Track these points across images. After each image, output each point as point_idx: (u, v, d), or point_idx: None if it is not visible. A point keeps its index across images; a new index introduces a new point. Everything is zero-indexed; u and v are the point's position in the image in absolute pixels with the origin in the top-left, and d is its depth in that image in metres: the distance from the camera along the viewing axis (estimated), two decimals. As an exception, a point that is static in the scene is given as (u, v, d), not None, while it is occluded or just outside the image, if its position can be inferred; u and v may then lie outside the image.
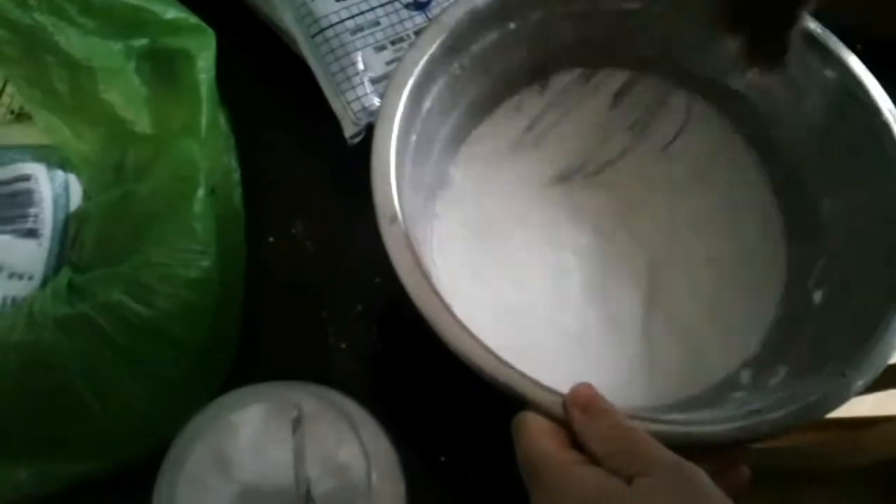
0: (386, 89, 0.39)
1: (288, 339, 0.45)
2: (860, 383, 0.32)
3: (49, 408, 0.36)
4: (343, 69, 0.46)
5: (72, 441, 0.37)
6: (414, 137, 0.41)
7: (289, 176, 0.49)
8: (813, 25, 0.40)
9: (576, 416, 0.29)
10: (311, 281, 0.47)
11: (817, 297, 0.38)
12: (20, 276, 0.38)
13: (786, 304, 0.41)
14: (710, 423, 0.31)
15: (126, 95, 0.41)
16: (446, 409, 0.42)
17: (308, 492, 0.30)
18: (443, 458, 0.42)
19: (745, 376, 0.38)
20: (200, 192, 0.38)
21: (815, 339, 0.37)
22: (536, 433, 0.29)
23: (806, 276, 0.40)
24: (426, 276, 0.34)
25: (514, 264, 0.43)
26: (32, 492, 0.37)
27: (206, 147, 0.40)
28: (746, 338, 0.40)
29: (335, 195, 0.49)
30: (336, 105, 0.46)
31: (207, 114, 0.41)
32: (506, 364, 0.32)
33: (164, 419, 0.38)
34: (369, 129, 0.46)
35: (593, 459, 0.28)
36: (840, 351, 0.34)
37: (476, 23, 0.41)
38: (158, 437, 0.34)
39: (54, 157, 0.40)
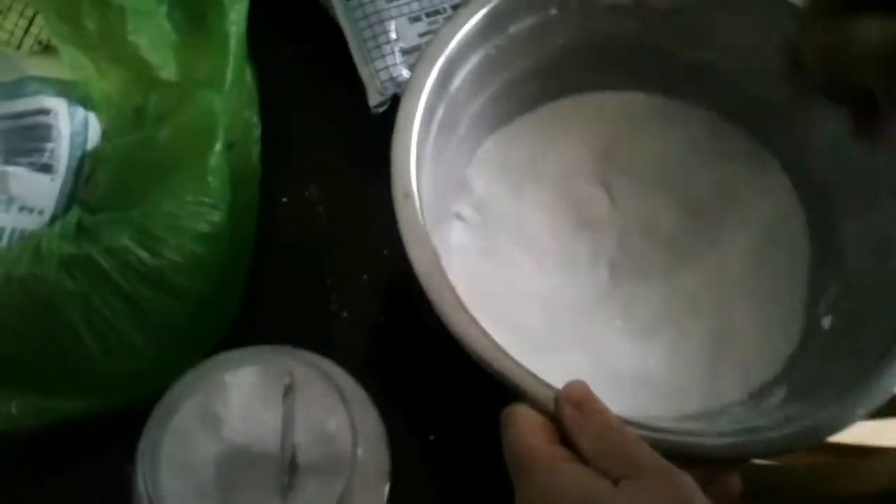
0: (418, 61, 0.38)
1: (291, 301, 0.45)
2: (860, 411, 0.32)
3: (48, 344, 0.36)
4: (375, 36, 0.45)
5: (67, 379, 0.37)
6: (440, 112, 0.40)
7: (309, 138, 0.49)
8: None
9: (567, 412, 0.29)
10: (320, 246, 0.46)
11: (826, 322, 0.38)
12: (30, 210, 0.38)
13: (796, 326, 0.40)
14: (703, 435, 0.31)
15: (154, 39, 0.40)
16: (440, 388, 0.42)
17: (294, 458, 0.30)
18: (431, 437, 0.42)
19: (745, 395, 0.38)
20: (217, 146, 0.38)
21: (819, 363, 0.36)
22: (525, 426, 0.29)
23: (818, 300, 0.39)
24: (434, 254, 0.34)
25: (532, 251, 0.42)
26: (24, 424, 0.37)
27: (228, 100, 0.40)
28: (757, 365, 0.39)
29: (353, 163, 0.48)
30: (363, 72, 0.45)
31: (233, 67, 0.40)
32: (502, 352, 0.32)
33: (160, 368, 0.38)
34: (394, 100, 0.46)
35: (581, 457, 0.28)
36: (843, 377, 0.33)
37: (517, 2, 0.41)
38: (153, 385, 0.34)
39: (76, 94, 0.40)
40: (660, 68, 0.45)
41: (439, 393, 0.42)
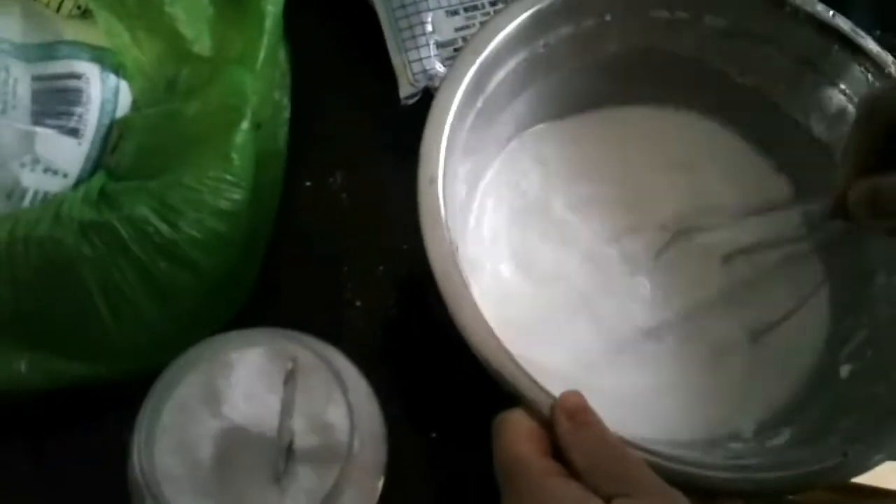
0: (462, 49, 0.38)
1: (305, 286, 0.45)
2: (861, 467, 0.31)
3: (62, 306, 0.37)
4: (411, 27, 0.45)
5: (79, 343, 0.37)
6: (479, 104, 0.40)
7: (337, 125, 0.49)
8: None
9: (562, 422, 0.28)
10: (339, 233, 0.46)
11: (844, 370, 0.37)
12: (55, 173, 0.38)
13: (810, 377, 0.39)
14: (695, 465, 0.30)
15: (191, 12, 0.40)
16: (447, 386, 0.42)
17: (291, 444, 0.30)
18: (434, 435, 0.42)
19: (748, 430, 0.37)
20: (245, 125, 0.38)
21: (829, 411, 0.36)
22: (517, 435, 0.28)
23: (840, 347, 0.38)
24: (450, 244, 0.34)
25: (553, 258, 0.42)
26: (31, 383, 0.37)
27: (259, 80, 0.40)
28: (766, 402, 0.38)
29: (380, 153, 0.48)
30: (396, 61, 0.45)
31: (267, 46, 0.40)
32: (504, 351, 0.32)
33: (171, 341, 0.38)
34: (425, 93, 0.45)
35: (573, 471, 0.27)
36: (850, 429, 0.33)
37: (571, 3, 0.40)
38: (162, 357, 0.33)
39: (110, 61, 0.40)
40: (710, 88, 0.44)
41: (445, 390, 0.42)
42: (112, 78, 0.40)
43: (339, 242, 0.46)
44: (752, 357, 0.40)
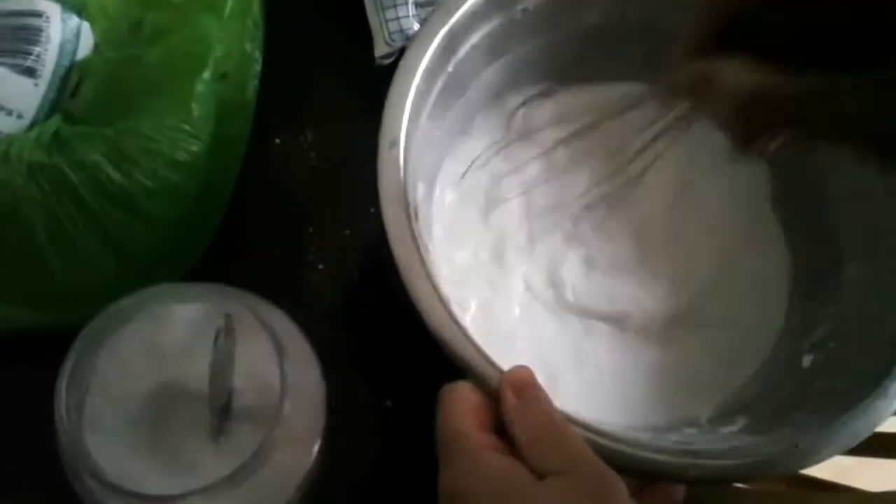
0: (434, 9, 0.37)
1: (267, 244, 0.44)
2: (809, 461, 0.30)
3: (7, 252, 0.36)
4: (390, -16, 0.44)
5: (23, 287, 0.37)
6: (450, 68, 0.38)
7: (312, 82, 0.47)
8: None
9: (507, 396, 0.28)
10: (306, 193, 0.45)
11: (806, 361, 0.36)
12: (9, 112, 0.37)
13: (772, 361, 0.38)
14: (639, 447, 0.29)
15: (160, -45, 0.39)
16: (404, 354, 0.41)
17: (229, 402, 0.29)
18: (388, 403, 0.41)
19: (704, 416, 0.36)
20: (206, 74, 0.37)
21: (786, 400, 0.35)
22: (459, 408, 0.28)
23: (803, 337, 0.37)
24: (409, 210, 0.33)
25: (509, 234, 0.41)
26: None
27: (226, 29, 0.39)
28: (723, 387, 0.38)
29: (353, 114, 0.47)
30: (373, 20, 0.44)
31: (237, -5, 0.39)
32: (456, 323, 0.31)
33: (121, 291, 0.37)
34: (402, 54, 0.44)
35: (513, 446, 0.27)
36: (804, 420, 0.32)
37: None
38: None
39: (72, 1, 0.38)
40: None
41: (403, 359, 0.41)
42: (74, 19, 0.39)
43: (305, 202, 0.45)
44: (711, 341, 0.39)
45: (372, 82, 0.44)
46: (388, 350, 0.42)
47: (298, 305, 0.42)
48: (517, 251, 0.41)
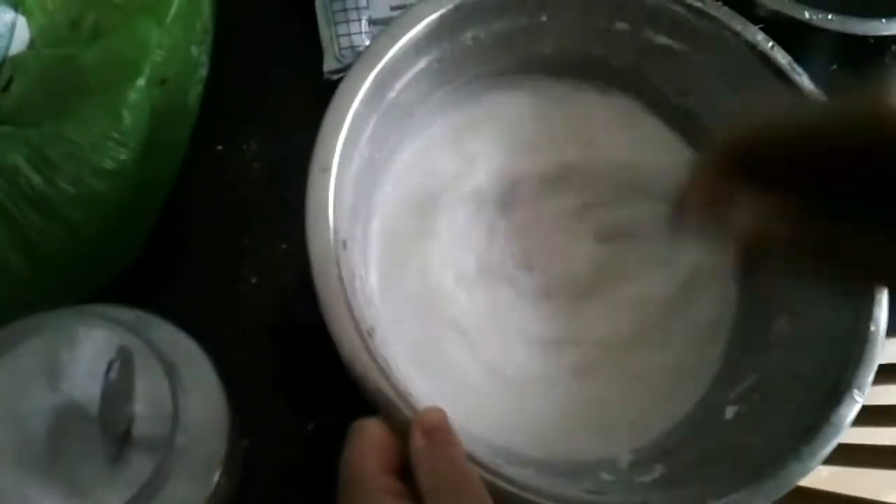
0: (380, 33, 0.36)
1: (200, 254, 0.43)
2: None
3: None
4: (343, -1, 0.43)
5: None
6: (391, 95, 0.38)
7: (259, 91, 0.46)
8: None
9: (417, 438, 0.27)
10: (245, 204, 0.44)
11: (730, 412, 0.36)
12: (-69, 106, 0.35)
13: (699, 408, 0.38)
14: (545, 496, 0.29)
15: (104, -48, 0.38)
16: (330, 377, 0.40)
17: (128, 428, 0.28)
18: (311, 426, 0.41)
19: (624, 462, 0.36)
20: (141, 81, 0.35)
21: (704, 453, 0.35)
22: (365, 447, 0.27)
23: (731, 387, 0.37)
24: (335, 239, 0.32)
25: (438, 263, 0.40)
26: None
27: (168, 34, 0.37)
28: (647, 430, 0.38)
29: (299, 126, 0.44)
30: (324, 34, 0.43)
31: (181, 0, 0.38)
32: (372, 359, 0.30)
33: (39, 299, 0.36)
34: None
35: (416, 490, 0.26)
36: (716, 478, 0.32)
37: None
38: (26, 314, 0.32)
39: (9, -6, 0.37)
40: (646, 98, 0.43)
41: (328, 383, 0.40)
42: (10, 13, 0.37)
43: (243, 213, 0.44)
44: (646, 380, 0.39)
45: (321, 96, 0.43)
46: (314, 372, 0.41)
47: (228, 319, 0.42)
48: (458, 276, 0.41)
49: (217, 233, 0.44)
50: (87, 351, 0.29)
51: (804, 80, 0.38)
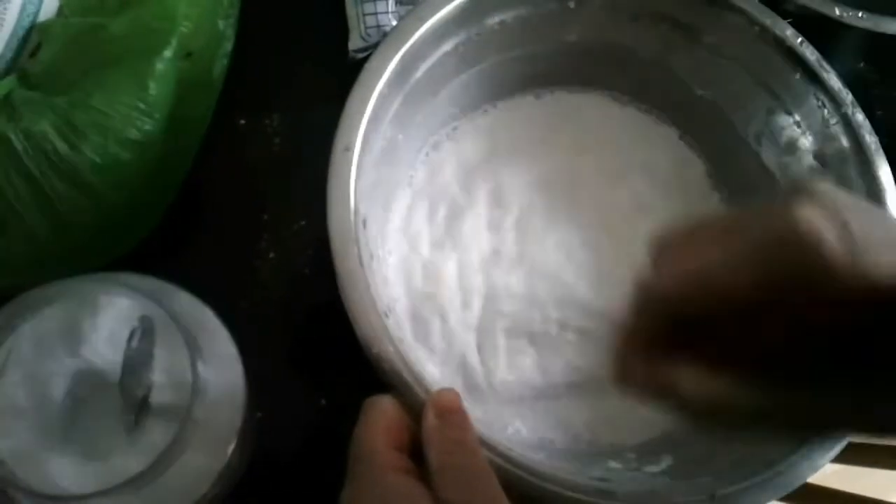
0: (408, 14, 0.36)
1: (219, 228, 0.43)
2: None
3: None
4: (372, -23, 0.43)
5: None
6: (419, 74, 0.38)
7: (284, 66, 0.46)
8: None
9: (429, 418, 0.28)
10: (265, 179, 0.44)
11: None
12: (-39, 68, 0.36)
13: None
14: (554, 482, 0.29)
15: (136, -79, 0.38)
16: (342, 353, 0.40)
17: (146, 397, 0.29)
18: (323, 402, 0.41)
19: (632, 452, 0.36)
20: (167, 52, 0.36)
21: (712, 445, 0.35)
22: (376, 423, 0.27)
23: None
24: (356, 217, 0.32)
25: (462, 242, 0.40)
26: None
27: (195, 7, 0.38)
28: (655, 422, 0.38)
29: (322, 103, 0.45)
30: (351, 12, 0.43)
31: (210, -28, 0.38)
32: (389, 339, 0.30)
33: (62, 263, 0.37)
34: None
35: (424, 469, 0.26)
36: (725, 470, 0.32)
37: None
38: (49, 278, 0.32)
39: (39, -40, 0.37)
40: (668, 94, 0.43)
41: (341, 359, 0.41)
42: (39, -22, 0.37)
43: (263, 188, 0.44)
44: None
45: (345, 73, 0.43)
46: (328, 348, 0.42)
47: (244, 294, 0.43)
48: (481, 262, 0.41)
49: (236, 206, 0.44)
50: (108, 318, 0.30)
51: (832, 77, 0.37)
